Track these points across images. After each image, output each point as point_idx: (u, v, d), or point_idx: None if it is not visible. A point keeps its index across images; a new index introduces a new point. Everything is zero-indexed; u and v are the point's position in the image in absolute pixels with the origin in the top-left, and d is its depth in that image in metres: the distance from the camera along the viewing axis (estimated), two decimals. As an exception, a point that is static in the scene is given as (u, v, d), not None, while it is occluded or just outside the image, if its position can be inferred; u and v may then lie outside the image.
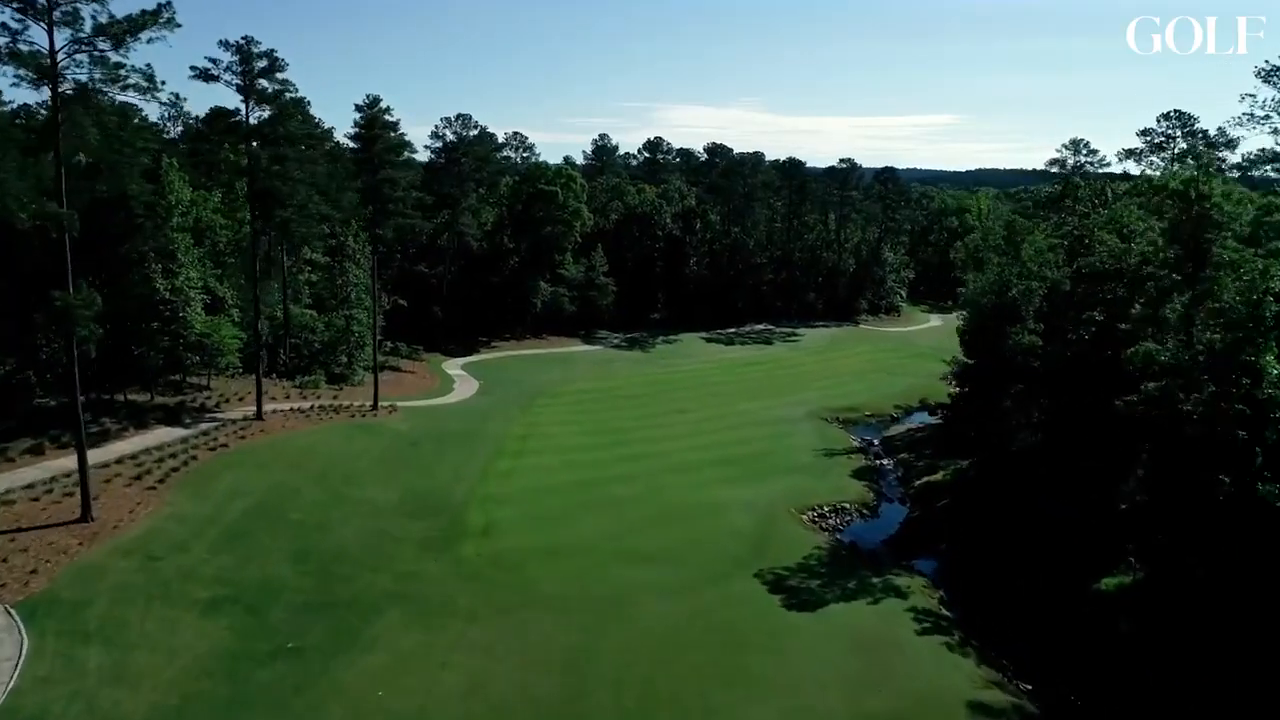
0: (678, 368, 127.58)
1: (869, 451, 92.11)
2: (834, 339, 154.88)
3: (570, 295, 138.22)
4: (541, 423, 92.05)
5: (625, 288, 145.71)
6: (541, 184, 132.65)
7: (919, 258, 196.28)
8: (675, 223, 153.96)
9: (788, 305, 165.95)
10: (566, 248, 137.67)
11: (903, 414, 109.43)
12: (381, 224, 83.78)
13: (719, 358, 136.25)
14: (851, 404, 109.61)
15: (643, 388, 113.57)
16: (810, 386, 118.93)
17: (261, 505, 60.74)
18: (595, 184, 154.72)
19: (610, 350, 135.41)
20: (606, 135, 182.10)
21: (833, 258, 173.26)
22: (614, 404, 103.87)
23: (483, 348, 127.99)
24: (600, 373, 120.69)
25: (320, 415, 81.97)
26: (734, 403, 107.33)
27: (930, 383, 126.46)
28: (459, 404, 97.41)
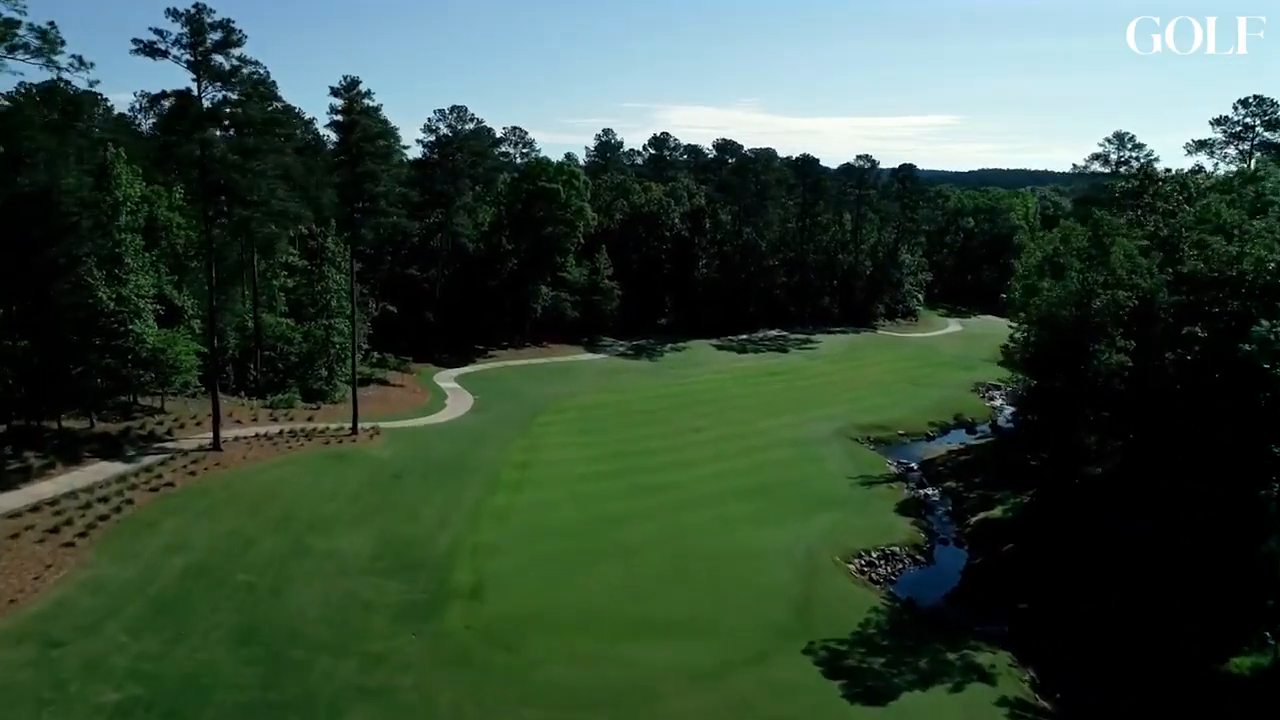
0: (689, 379, 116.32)
1: (909, 478, 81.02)
2: (852, 346, 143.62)
3: (573, 300, 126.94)
4: (542, 446, 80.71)
5: (630, 292, 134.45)
6: (542, 181, 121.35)
7: (933, 260, 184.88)
8: (683, 223, 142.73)
9: (802, 310, 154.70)
10: (569, 249, 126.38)
11: (938, 432, 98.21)
12: (362, 223, 72.26)
13: (732, 367, 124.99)
14: (882, 421, 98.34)
15: (653, 402, 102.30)
16: (834, 400, 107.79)
17: (204, 564, 49.41)
18: (599, 182, 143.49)
19: (615, 359, 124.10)
20: (610, 130, 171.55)
21: (848, 260, 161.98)
22: (622, 422, 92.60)
23: (479, 357, 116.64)
24: (606, 385, 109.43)
25: (290, 442, 70.57)
26: (753, 419, 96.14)
27: (961, 395, 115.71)
28: (450, 424, 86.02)
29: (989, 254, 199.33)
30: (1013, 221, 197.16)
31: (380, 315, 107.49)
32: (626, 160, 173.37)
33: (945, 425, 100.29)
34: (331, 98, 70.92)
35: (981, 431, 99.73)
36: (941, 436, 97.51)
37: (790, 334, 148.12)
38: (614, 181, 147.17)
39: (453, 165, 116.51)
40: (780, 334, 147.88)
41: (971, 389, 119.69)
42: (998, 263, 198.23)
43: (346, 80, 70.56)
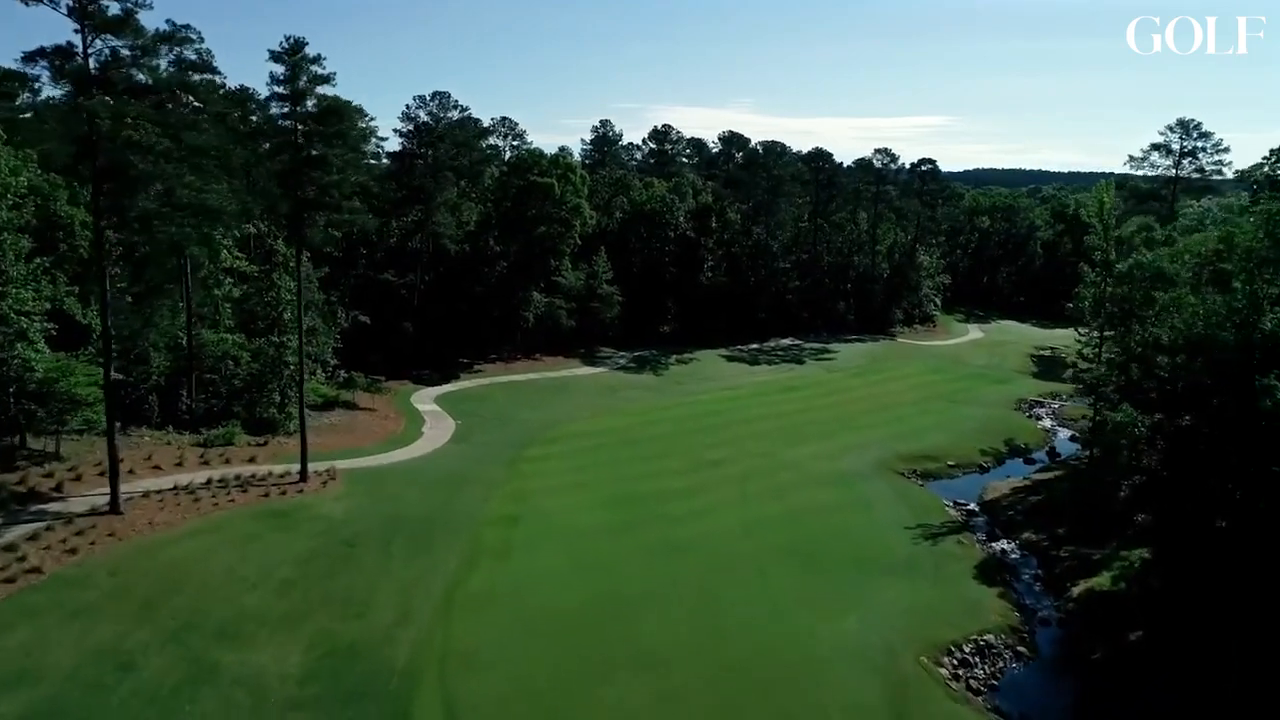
0: (699, 396, 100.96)
1: (975, 526, 66.03)
2: (873, 357, 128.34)
3: (568, 307, 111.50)
4: (534, 491, 65.20)
5: (631, 298, 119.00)
6: (534, 175, 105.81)
7: (947, 262, 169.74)
8: (689, 221, 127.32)
9: (815, 317, 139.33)
10: (564, 251, 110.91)
11: (993, 463, 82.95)
12: (310, 221, 56.47)
13: (745, 382, 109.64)
14: (926, 449, 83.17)
15: (660, 426, 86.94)
16: (865, 422, 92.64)
17: (54, 706, 33.74)
18: (596, 177, 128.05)
19: (616, 373, 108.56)
20: (609, 122, 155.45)
21: (865, 262, 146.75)
22: (628, 453, 77.22)
23: (463, 373, 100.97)
24: (607, 405, 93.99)
25: (218, 496, 54.79)
26: (777, 448, 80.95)
27: (1004, 415, 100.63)
28: (425, 460, 70.46)
29: (1005, 255, 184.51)
30: (1032, 221, 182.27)
31: (351, 326, 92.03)
32: (626, 155, 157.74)
33: (998, 454, 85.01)
34: (272, 64, 55.10)
35: (1039, 460, 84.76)
36: (997, 468, 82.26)
37: (805, 343, 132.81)
38: (613, 177, 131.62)
39: (433, 157, 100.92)
40: (794, 343, 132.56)
41: (1014, 407, 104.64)
42: (1015, 264, 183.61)
43: (289, 41, 54.65)
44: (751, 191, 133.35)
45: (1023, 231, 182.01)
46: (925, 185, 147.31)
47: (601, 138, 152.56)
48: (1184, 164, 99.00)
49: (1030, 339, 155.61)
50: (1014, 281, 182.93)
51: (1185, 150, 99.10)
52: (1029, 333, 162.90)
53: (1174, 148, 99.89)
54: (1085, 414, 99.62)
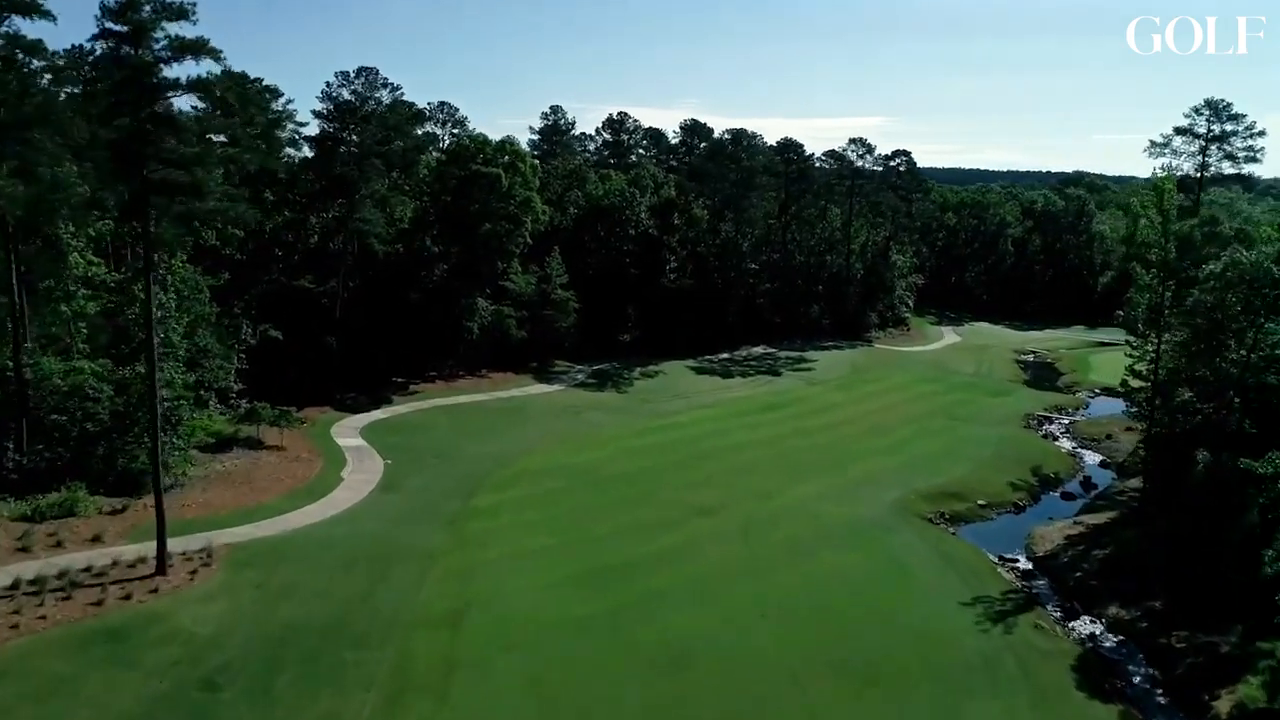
0: (672, 418, 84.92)
1: (1042, 596, 51.25)
2: (854, 366, 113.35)
3: (519, 316, 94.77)
4: (486, 564, 48.67)
5: (588, 303, 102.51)
6: (478, 164, 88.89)
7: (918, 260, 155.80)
8: (650, 218, 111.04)
9: (788, 322, 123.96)
10: (513, 252, 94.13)
11: (1027, 499, 68.14)
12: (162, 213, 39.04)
13: (721, 399, 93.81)
14: (947, 484, 68.19)
15: (634, 458, 70.86)
16: (867, 448, 77.72)
17: None
18: (548, 169, 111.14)
19: (574, 391, 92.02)
20: (559, 109, 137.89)
21: (838, 261, 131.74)
22: (600, 498, 61.09)
23: (397, 395, 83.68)
24: (567, 432, 77.50)
25: (25, 610, 37.18)
26: (775, 486, 65.55)
27: (1018, 435, 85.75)
28: (342, 522, 53.39)
29: (974, 254, 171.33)
30: (1003, 217, 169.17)
31: (260, 343, 74.49)
32: (579, 146, 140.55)
33: (1029, 487, 70.16)
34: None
35: (1077, 494, 70.23)
36: (1034, 506, 67.44)
37: (779, 351, 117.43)
38: (566, 168, 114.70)
39: (358, 142, 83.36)
40: (767, 352, 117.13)
41: (1022, 424, 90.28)
42: (986, 263, 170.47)
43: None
44: (718, 185, 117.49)
45: (993, 229, 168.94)
46: (900, 179, 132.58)
47: (552, 127, 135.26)
48: (1211, 150, 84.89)
49: (1008, 342, 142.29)
50: (984, 281, 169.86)
51: (1213, 135, 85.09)
52: (1006, 335, 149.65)
53: (1199, 130, 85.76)
54: (1108, 432, 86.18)
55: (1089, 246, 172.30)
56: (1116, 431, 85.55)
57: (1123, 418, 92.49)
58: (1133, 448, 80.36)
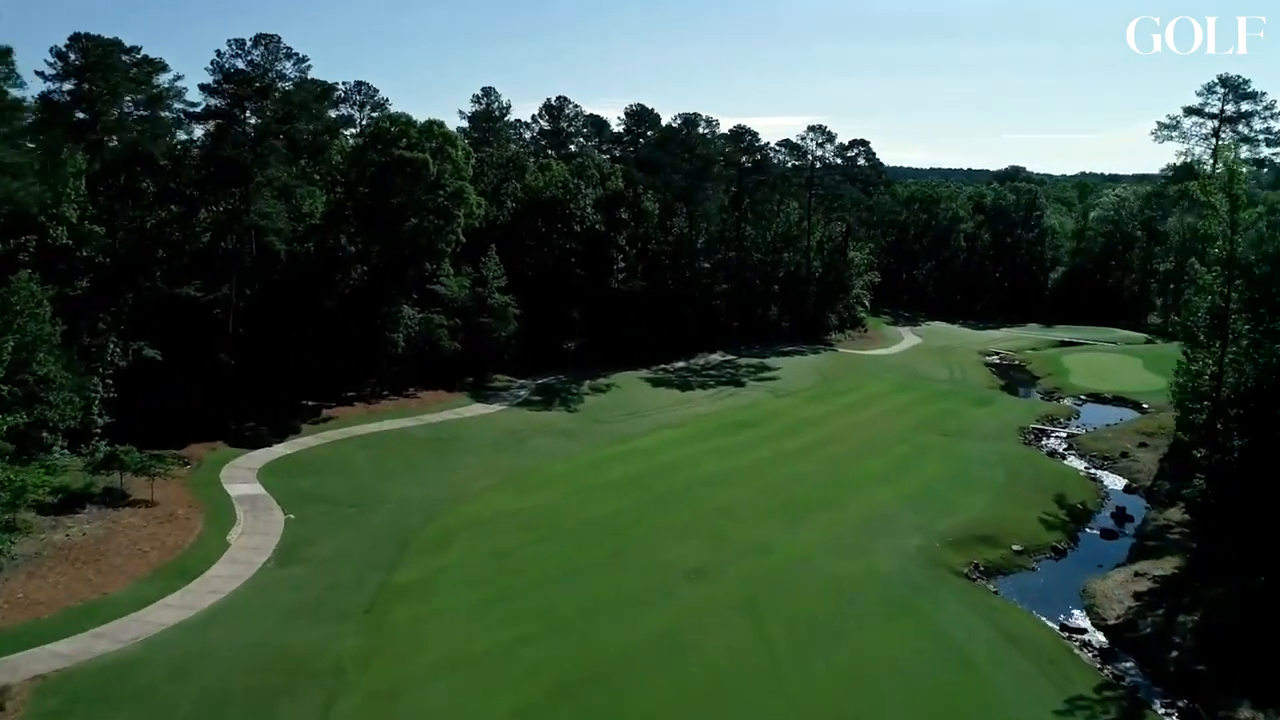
0: (632, 442, 71.48)
1: (1134, 684, 39.35)
2: (821, 374, 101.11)
3: (451, 325, 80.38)
4: (416, 677, 34.69)
5: (529, 308, 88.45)
6: (401, 148, 74.18)
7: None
8: (597, 212, 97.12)
9: (746, 325, 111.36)
10: (444, 251, 79.64)
11: (1064, 539, 56.17)
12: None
13: (684, 416, 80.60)
14: (971, 524, 56.14)
15: (594, 499, 57.28)
16: (864, 475, 65.67)
17: None
18: (482, 156, 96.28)
19: (517, 412, 77.86)
20: (492, 91, 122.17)
21: (796, 259, 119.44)
22: (559, 562, 47.43)
23: (307, 424, 68.59)
24: (512, 466, 63.43)
25: None
26: (772, 535, 52.87)
27: (1022, 454, 73.23)
28: (214, 622, 38.58)
29: (926, 250, 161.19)
30: (955, 212, 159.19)
31: (133, 365, 59.04)
32: (515, 134, 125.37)
33: (1061, 523, 58.32)
34: None
35: (1109, 528, 58.64)
36: (1073, 549, 55.55)
37: (738, 358, 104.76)
38: (501, 157, 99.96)
39: (255, 121, 67.95)
40: (725, 359, 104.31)
41: (1021, 439, 79.21)
42: (939, 258, 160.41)
43: None
44: (670, 176, 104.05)
45: (945, 224, 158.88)
46: (860, 170, 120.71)
47: (484, 112, 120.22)
48: (1225, 133, 74.36)
49: (970, 342, 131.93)
50: (936, 278, 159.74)
51: (1228, 115, 74.50)
52: (965, 335, 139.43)
53: (1210, 109, 75.16)
54: (1122, 449, 74.29)
55: (1040, 242, 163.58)
56: (1130, 448, 74.59)
57: (1124, 429, 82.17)
58: (1156, 468, 69.78)
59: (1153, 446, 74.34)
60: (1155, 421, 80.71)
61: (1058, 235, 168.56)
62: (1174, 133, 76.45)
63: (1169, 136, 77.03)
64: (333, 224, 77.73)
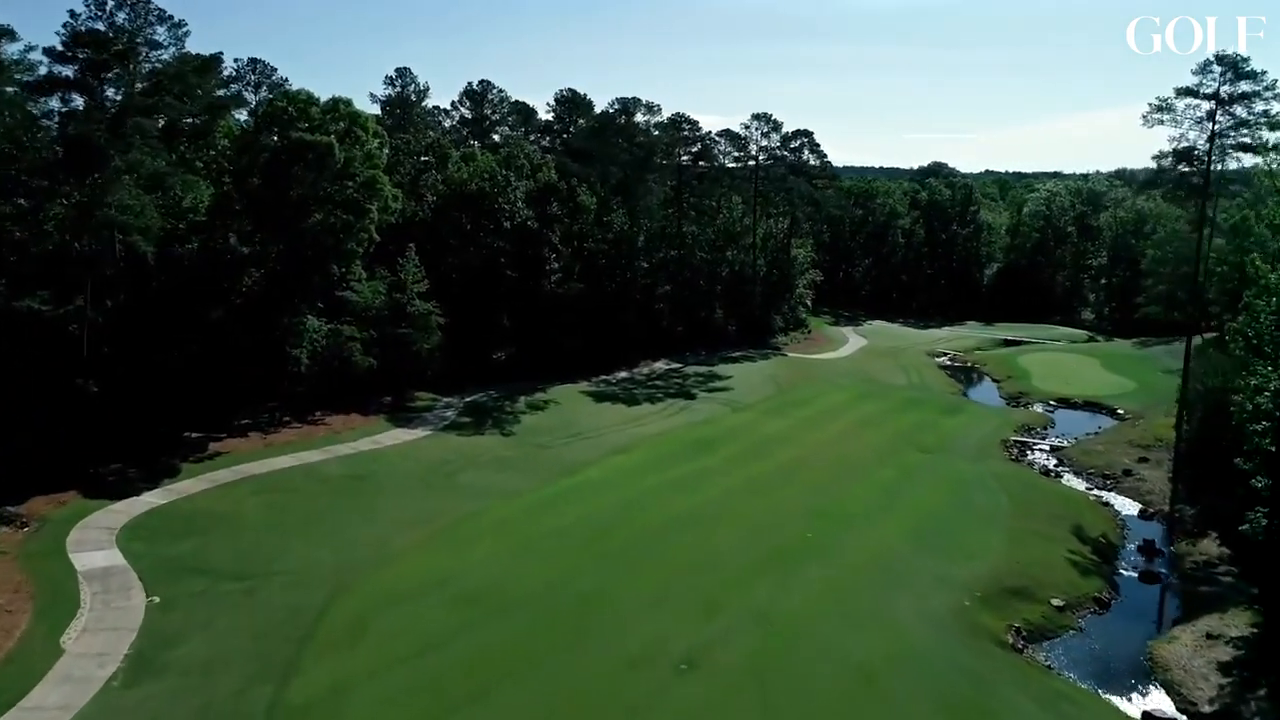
0: (581, 473, 60.15)
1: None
2: (775, 382, 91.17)
3: (365, 337, 67.70)
4: None
5: (454, 315, 76.44)
6: (300, 130, 61.33)
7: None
8: (529, 207, 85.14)
9: (691, 330, 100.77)
10: (355, 251, 66.92)
11: (1104, 586, 46.75)
12: None
13: (635, 437, 69.54)
14: (993, 572, 46.67)
15: (544, 556, 45.88)
16: (848, 507, 55.86)
17: None
18: (398, 143, 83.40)
19: (444, 438, 65.69)
20: (408, 72, 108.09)
21: (740, 257, 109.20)
22: (507, 654, 35.78)
23: (188, 462, 55.36)
24: (440, 511, 51.38)
25: None
26: (768, 598, 42.36)
27: (1019, 475, 63.51)
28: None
29: (863, 247, 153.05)
30: (892, 207, 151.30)
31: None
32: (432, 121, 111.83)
33: (1094, 565, 49.14)
34: None
35: (1152, 570, 49.64)
36: (1116, 598, 46.13)
37: (684, 366, 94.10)
38: (420, 144, 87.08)
39: (115, 94, 54.33)
40: (671, 367, 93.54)
41: (1009, 455, 70.92)
42: (877, 254, 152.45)
43: None
44: (607, 168, 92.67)
45: (882, 220, 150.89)
46: (805, 162, 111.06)
47: (399, 97, 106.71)
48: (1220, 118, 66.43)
49: (915, 343, 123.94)
50: (873, 276, 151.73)
51: (1226, 97, 66.53)
52: (909, 335, 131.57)
53: (1205, 90, 67.10)
54: (1124, 467, 64.79)
55: (976, 238, 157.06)
56: (1129, 463, 66.25)
57: (1114, 440, 73.87)
58: (1167, 489, 61.31)
59: (1154, 462, 66.12)
60: (1148, 432, 72.76)
61: (993, 231, 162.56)
62: (1165, 115, 67.75)
63: (1160, 120, 68.40)
64: (220, 221, 64.31)
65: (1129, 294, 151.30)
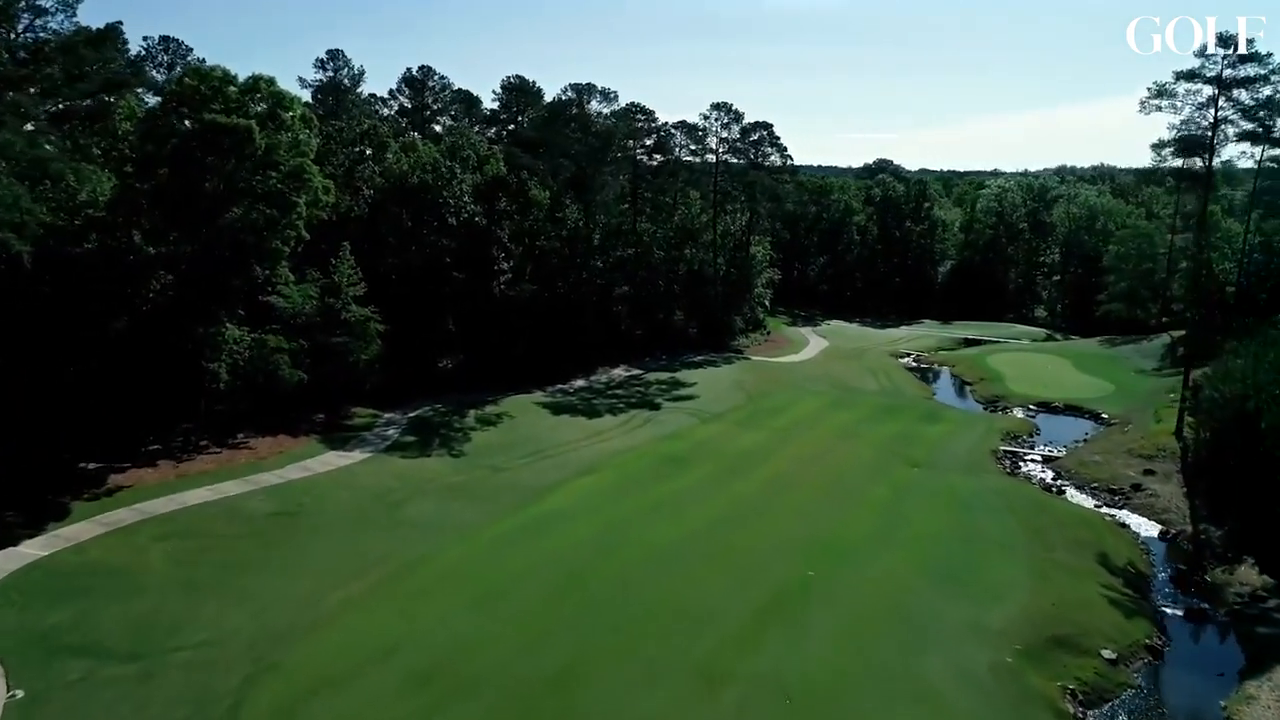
0: (544, 502, 52.45)
1: None
2: (743, 389, 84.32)
3: (294, 348, 58.96)
4: None
5: (394, 321, 68.06)
6: (215, 111, 52.43)
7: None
8: (476, 203, 76.96)
9: (650, 333, 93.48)
10: (280, 251, 58.11)
11: (1152, 629, 40.51)
12: None
13: (599, 454, 62.11)
14: (1027, 617, 39.96)
15: (507, 614, 38.20)
16: (846, 537, 49.11)
17: None
18: (329, 131, 74.56)
19: (386, 460, 57.43)
20: (340, 55, 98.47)
21: (699, 255, 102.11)
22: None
23: (82, 499, 46.33)
24: (383, 555, 43.22)
25: None
26: (778, 663, 35.11)
27: (1018, 491, 56.67)
28: None
29: (818, 245, 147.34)
30: (848, 205, 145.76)
31: None
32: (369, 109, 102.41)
33: (1134, 603, 42.95)
34: None
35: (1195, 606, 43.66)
36: (1168, 644, 39.92)
37: (645, 373, 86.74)
38: (354, 132, 78.25)
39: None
40: (631, 374, 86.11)
41: (1004, 468, 65.18)
42: (833, 252, 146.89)
43: None
44: (559, 160, 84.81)
45: (837, 217, 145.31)
46: (767, 154, 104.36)
47: (331, 83, 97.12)
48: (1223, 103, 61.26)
49: (876, 343, 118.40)
50: (830, 274, 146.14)
51: (1229, 80, 61.36)
52: (869, 335, 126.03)
53: (1207, 73, 61.89)
54: (1133, 481, 58.70)
55: (930, 235, 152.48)
56: (1134, 475, 60.63)
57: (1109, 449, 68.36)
58: (1185, 506, 55.74)
59: (1162, 474, 60.62)
60: (1146, 440, 67.29)
61: (947, 228, 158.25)
62: (1164, 101, 62.34)
63: (1158, 106, 63.02)
64: (123, 217, 55.10)
65: (1083, 291, 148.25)
